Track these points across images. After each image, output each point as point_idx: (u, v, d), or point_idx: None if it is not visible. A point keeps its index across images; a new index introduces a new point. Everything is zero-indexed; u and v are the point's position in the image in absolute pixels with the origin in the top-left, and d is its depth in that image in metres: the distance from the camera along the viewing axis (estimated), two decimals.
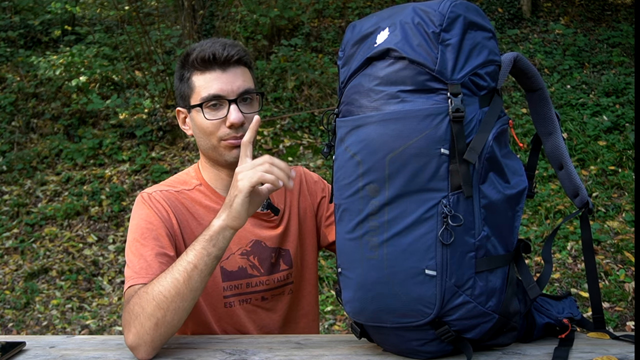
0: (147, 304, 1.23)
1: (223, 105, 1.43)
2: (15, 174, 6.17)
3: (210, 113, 1.43)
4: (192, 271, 1.24)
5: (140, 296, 1.25)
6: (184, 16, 7.65)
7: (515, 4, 8.12)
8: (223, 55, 1.42)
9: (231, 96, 1.42)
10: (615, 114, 5.94)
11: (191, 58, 1.45)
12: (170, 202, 1.46)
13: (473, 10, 1.12)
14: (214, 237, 1.26)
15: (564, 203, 4.90)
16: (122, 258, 5.09)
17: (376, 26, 1.15)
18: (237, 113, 1.41)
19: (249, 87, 1.45)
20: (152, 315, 1.22)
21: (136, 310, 1.24)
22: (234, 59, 1.43)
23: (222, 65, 1.43)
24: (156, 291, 1.24)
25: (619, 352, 1.18)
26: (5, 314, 4.51)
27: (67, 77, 7.02)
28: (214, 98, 1.42)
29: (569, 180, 1.29)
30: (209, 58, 1.42)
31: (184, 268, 1.24)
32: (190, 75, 1.46)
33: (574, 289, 4.05)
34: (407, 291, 1.08)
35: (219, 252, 1.27)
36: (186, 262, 1.25)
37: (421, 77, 1.07)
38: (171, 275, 1.25)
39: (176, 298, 1.23)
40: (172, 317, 1.23)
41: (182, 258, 1.26)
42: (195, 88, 1.45)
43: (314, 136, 6.29)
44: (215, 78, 1.43)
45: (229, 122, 1.41)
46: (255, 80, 1.52)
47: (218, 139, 1.44)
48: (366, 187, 1.10)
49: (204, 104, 1.43)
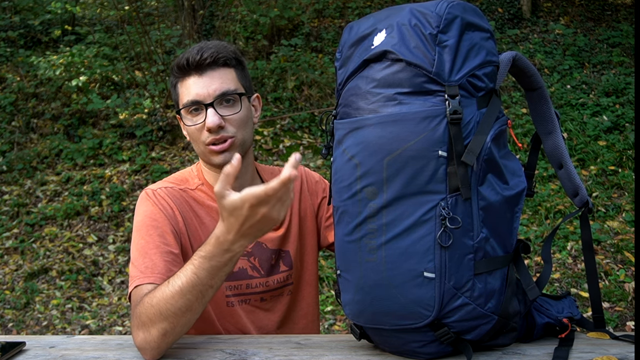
0: (155, 317, 1.19)
1: (202, 109, 1.42)
2: (15, 174, 6.17)
3: (190, 119, 1.44)
4: (207, 291, 1.20)
5: (146, 307, 1.22)
6: (184, 16, 7.66)
7: (515, 4, 8.12)
8: (196, 60, 1.41)
9: (207, 100, 1.41)
10: (615, 114, 5.94)
11: (172, 65, 1.47)
12: (175, 198, 1.46)
13: (470, 10, 1.12)
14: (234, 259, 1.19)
15: (564, 203, 4.90)
16: (122, 258, 5.10)
17: (373, 28, 1.15)
18: (212, 117, 1.40)
19: (227, 89, 1.42)
20: (161, 327, 1.19)
21: (143, 320, 1.21)
22: (207, 62, 1.41)
23: (197, 69, 1.42)
24: (164, 308, 1.19)
25: (619, 352, 1.18)
26: (5, 314, 4.51)
27: (67, 77, 7.02)
28: (192, 104, 1.42)
29: (568, 179, 1.29)
30: (184, 65, 1.42)
31: (199, 291, 1.18)
32: (176, 82, 1.47)
33: (574, 289, 4.04)
34: (406, 293, 1.08)
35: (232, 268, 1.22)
36: (201, 285, 1.18)
37: (418, 79, 1.07)
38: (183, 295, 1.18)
39: (187, 313, 1.20)
40: (182, 329, 1.22)
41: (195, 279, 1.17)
42: (180, 95, 1.46)
43: (314, 136, 6.29)
44: (193, 83, 1.42)
45: (206, 126, 1.41)
46: (245, 78, 1.49)
47: (203, 143, 1.44)
48: (364, 190, 1.10)
49: (184, 110, 1.44)
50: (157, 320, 1.20)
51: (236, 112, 1.43)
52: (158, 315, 1.19)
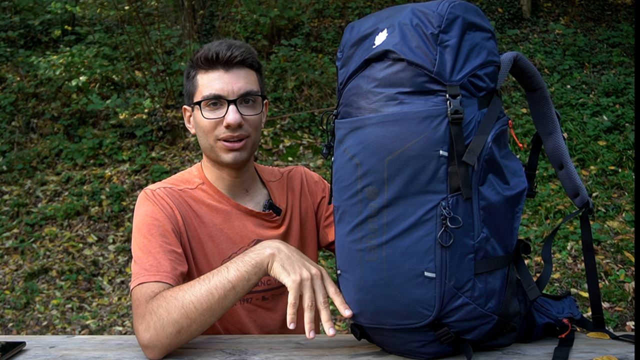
0: (174, 309, 1.21)
1: (223, 105, 1.44)
2: (15, 174, 6.17)
3: (209, 112, 1.44)
4: (229, 291, 1.22)
5: (166, 299, 1.23)
6: (184, 16, 7.66)
7: (515, 4, 8.12)
8: (226, 56, 1.43)
9: (231, 97, 1.43)
10: (615, 114, 5.94)
11: (196, 56, 1.47)
12: (174, 199, 1.46)
13: (472, 10, 1.12)
14: (260, 264, 1.25)
15: (564, 203, 4.90)
16: (122, 258, 5.10)
17: (374, 27, 1.15)
18: (234, 114, 1.42)
19: (251, 89, 1.46)
20: (177, 322, 1.20)
21: (160, 313, 1.21)
22: (236, 60, 1.44)
23: (224, 65, 1.44)
24: (187, 300, 1.21)
25: (619, 352, 1.18)
26: (5, 314, 4.51)
27: (67, 77, 7.03)
28: (214, 97, 1.43)
29: (569, 180, 1.29)
30: (213, 57, 1.44)
31: (223, 285, 1.22)
32: (196, 73, 1.48)
33: (574, 289, 4.04)
34: (407, 293, 1.08)
35: (257, 280, 1.26)
36: (226, 281, 1.23)
37: (420, 78, 1.07)
38: (207, 288, 1.22)
39: (206, 312, 1.21)
40: (197, 329, 1.22)
41: (222, 274, 1.24)
42: (199, 86, 1.46)
43: (314, 136, 6.29)
44: (217, 78, 1.44)
45: (225, 122, 1.42)
46: (262, 83, 1.53)
47: (215, 138, 1.45)
48: (365, 190, 1.10)
49: (204, 102, 1.44)
50: (174, 313, 1.20)
51: (257, 114, 1.47)
52: (178, 308, 1.20)
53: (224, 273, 1.24)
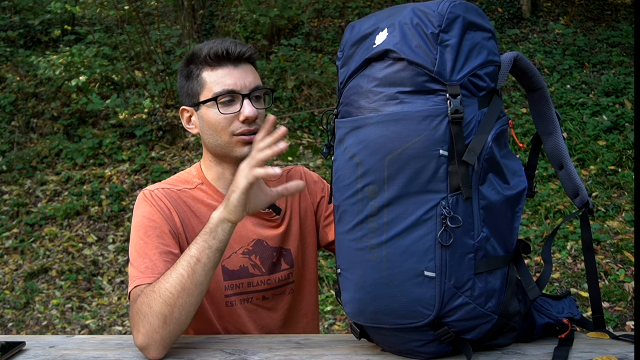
0: (154, 302, 1.23)
1: (236, 100, 1.44)
2: (15, 174, 6.17)
3: (223, 108, 1.44)
4: (195, 265, 1.25)
5: (147, 295, 1.26)
6: (184, 16, 7.66)
7: (515, 4, 8.12)
8: (236, 52, 1.44)
9: (245, 91, 1.44)
10: (615, 114, 5.94)
11: (203, 55, 1.46)
12: (172, 200, 1.46)
13: (472, 10, 1.12)
14: (214, 230, 1.28)
15: (564, 203, 4.90)
16: (122, 258, 5.10)
17: (375, 27, 1.15)
18: (251, 107, 1.43)
19: (259, 84, 1.48)
20: (160, 313, 1.22)
21: (144, 310, 1.24)
22: (245, 56, 1.46)
23: (234, 61, 1.45)
24: (162, 288, 1.24)
25: (619, 352, 1.18)
26: (5, 314, 4.51)
27: (67, 77, 7.03)
28: (228, 93, 1.43)
29: (569, 180, 1.29)
30: (223, 54, 1.44)
31: (187, 263, 1.26)
32: (201, 72, 1.47)
33: (574, 289, 4.05)
34: (407, 293, 1.08)
35: (220, 245, 1.28)
36: (189, 257, 1.26)
37: (420, 78, 1.07)
38: (176, 271, 1.26)
39: (182, 294, 1.23)
40: (180, 314, 1.24)
41: (186, 254, 1.28)
42: (207, 84, 1.45)
43: (314, 136, 6.29)
44: (228, 74, 1.44)
45: (243, 116, 1.42)
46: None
47: (230, 134, 1.44)
48: (365, 189, 1.10)
49: (218, 99, 1.44)
50: (155, 305, 1.22)
51: (265, 107, 1.50)
52: (157, 299, 1.23)
53: (187, 252, 1.28)
